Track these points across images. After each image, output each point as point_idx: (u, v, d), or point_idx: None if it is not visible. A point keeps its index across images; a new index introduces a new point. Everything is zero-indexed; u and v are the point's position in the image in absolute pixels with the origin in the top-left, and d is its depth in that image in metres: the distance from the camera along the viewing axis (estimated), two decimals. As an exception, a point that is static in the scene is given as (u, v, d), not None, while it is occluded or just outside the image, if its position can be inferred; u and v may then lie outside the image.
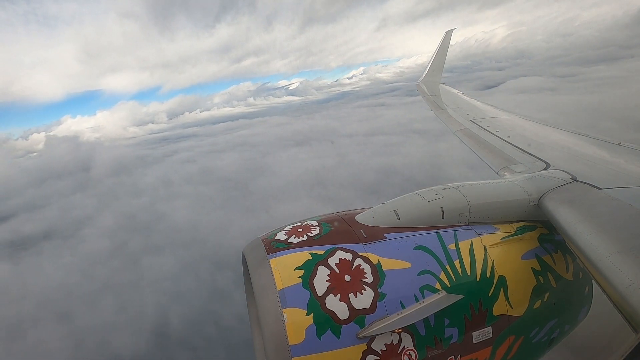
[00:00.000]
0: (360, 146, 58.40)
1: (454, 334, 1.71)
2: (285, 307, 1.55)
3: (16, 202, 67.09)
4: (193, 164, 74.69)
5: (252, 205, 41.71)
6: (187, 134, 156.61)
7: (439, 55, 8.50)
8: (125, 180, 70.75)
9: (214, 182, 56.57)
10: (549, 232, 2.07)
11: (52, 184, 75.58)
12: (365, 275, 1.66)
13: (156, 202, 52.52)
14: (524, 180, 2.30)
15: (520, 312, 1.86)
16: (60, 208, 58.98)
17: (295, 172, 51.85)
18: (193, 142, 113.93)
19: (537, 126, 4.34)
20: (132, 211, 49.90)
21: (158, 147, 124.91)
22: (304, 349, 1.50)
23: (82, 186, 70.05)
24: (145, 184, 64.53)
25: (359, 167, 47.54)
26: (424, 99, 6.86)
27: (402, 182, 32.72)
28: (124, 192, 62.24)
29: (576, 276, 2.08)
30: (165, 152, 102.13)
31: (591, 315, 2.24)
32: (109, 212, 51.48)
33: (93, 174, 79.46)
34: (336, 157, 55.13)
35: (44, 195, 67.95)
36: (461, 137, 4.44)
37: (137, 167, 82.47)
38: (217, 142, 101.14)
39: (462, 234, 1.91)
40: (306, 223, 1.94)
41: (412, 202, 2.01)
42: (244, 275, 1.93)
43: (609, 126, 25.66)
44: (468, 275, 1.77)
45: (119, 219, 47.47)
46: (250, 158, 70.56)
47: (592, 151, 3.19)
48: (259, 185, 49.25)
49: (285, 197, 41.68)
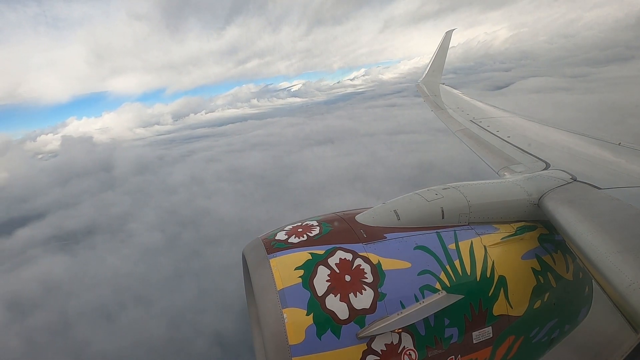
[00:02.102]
0: (387, 144, 58.03)
1: (454, 334, 1.71)
2: (285, 307, 1.55)
3: (45, 201, 68.22)
4: (218, 162, 75.23)
5: (297, 199, 42.09)
6: (197, 134, 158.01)
7: (439, 56, 8.50)
8: (152, 179, 71.71)
9: (247, 179, 57.25)
10: (549, 232, 2.07)
11: (76, 184, 76.85)
12: (365, 275, 1.65)
13: (196, 198, 53.26)
14: (524, 180, 2.30)
15: (521, 312, 1.86)
16: (94, 205, 60.28)
17: (330, 168, 52.11)
18: (208, 143, 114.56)
19: (537, 126, 4.34)
20: (174, 207, 50.96)
21: (171, 147, 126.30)
22: (304, 349, 1.50)
23: (110, 185, 71.18)
24: (176, 181, 65.22)
25: (394, 163, 47.44)
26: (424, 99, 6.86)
27: (443, 175, 32.54)
28: (157, 189, 63.20)
29: (576, 276, 2.08)
30: (181, 152, 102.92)
31: (591, 315, 2.24)
32: (149, 208, 52.56)
33: (116, 173, 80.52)
34: (367, 155, 55.02)
35: (72, 194, 69.03)
36: (461, 137, 4.44)
37: (160, 166, 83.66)
38: (233, 142, 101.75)
39: (462, 234, 1.90)
40: (306, 223, 1.94)
41: (412, 202, 2.01)
42: (244, 275, 1.92)
43: (636, 123, 25.68)
44: (468, 275, 1.77)
45: (163, 215, 48.72)
46: (276, 156, 70.80)
47: (592, 151, 3.19)
48: (296, 181, 49.56)
49: (328, 191, 42.11)
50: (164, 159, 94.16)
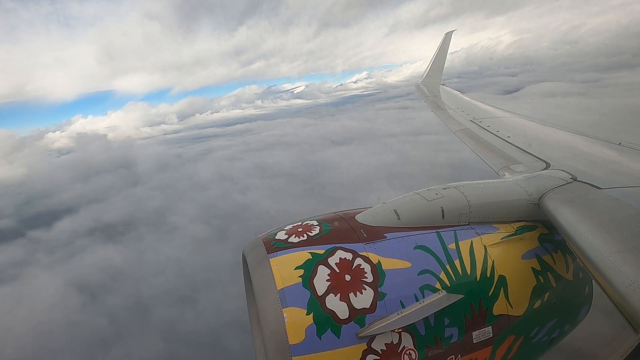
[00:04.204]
0: (412, 144, 57.93)
1: (454, 334, 1.71)
2: (285, 306, 1.55)
3: (70, 196, 69.16)
4: (241, 160, 75.81)
5: (337, 195, 42.44)
6: (207, 134, 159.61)
7: (439, 57, 8.52)
8: (177, 175, 72.13)
9: (279, 176, 57.41)
10: (549, 232, 2.07)
11: (99, 180, 77.71)
12: (366, 274, 1.65)
13: (231, 193, 53.75)
14: (524, 180, 2.30)
15: (521, 312, 1.86)
16: (126, 200, 61.00)
17: (362, 166, 51.99)
18: (222, 142, 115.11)
19: (537, 126, 4.34)
20: (211, 202, 51.39)
21: (185, 145, 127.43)
22: (304, 349, 1.50)
23: (134, 181, 71.85)
24: (205, 178, 65.37)
25: (425, 162, 47.22)
26: (424, 100, 6.87)
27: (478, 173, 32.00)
28: (188, 185, 63.68)
29: (576, 276, 2.08)
30: (198, 150, 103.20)
31: (591, 315, 2.23)
32: (185, 203, 53.18)
33: (138, 170, 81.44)
34: (396, 154, 54.86)
35: (97, 190, 69.82)
36: (461, 137, 4.44)
37: (181, 163, 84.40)
38: (249, 142, 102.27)
39: (462, 234, 1.90)
40: (306, 223, 1.94)
41: (412, 202, 2.01)
42: (244, 275, 1.92)
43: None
44: (468, 275, 1.77)
45: (202, 209, 49.37)
46: (301, 155, 70.94)
47: (592, 151, 3.19)
48: (330, 178, 49.66)
49: (367, 187, 42.20)
50: (182, 156, 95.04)
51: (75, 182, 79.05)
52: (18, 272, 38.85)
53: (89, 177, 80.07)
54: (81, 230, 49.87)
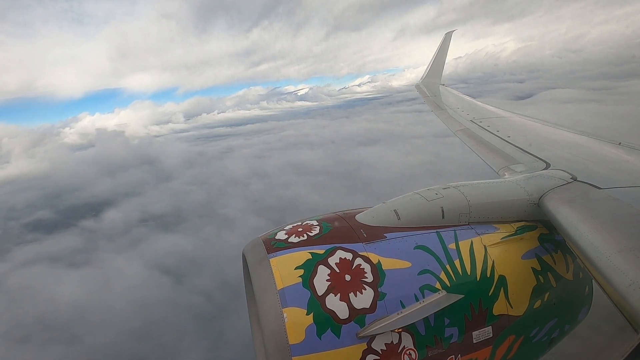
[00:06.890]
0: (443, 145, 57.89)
1: (454, 334, 1.71)
2: (285, 306, 1.55)
3: (102, 189, 68.23)
4: (269, 158, 74.55)
5: (381, 191, 41.66)
6: (218, 133, 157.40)
7: (439, 57, 8.52)
8: (207, 171, 71.24)
9: (315, 173, 56.68)
10: (549, 232, 2.07)
11: (126, 175, 76.42)
12: (366, 274, 1.65)
13: (274, 188, 53.16)
14: (524, 180, 2.30)
15: (521, 312, 1.86)
16: (165, 194, 60.28)
17: (399, 165, 51.48)
18: (241, 141, 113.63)
19: (537, 126, 4.35)
20: (255, 196, 50.92)
21: (201, 144, 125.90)
22: (304, 349, 1.50)
23: (164, 177, 70.92)
24: (237, 174, 64.61)
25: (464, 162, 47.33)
26: (424, 100, 6.88)
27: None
28: (222, 181, 62.44)
29: (576, 276, 2.08)
30: (218, 149, 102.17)
31: (591, 315, 2.23)
32: (230, 197, 52.64)
33: (164, 166, 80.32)
34: (430, 154, 53.67)
35: (129, 184, 68.61)
36: (461, 137, 4.45)
37: (207, 160, 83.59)
38: (268, 141, 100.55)
39: (462, 234, 1.90)
40: (306, 222, 1.94)
41: (412, 202, 2.01)
42: (244, 275, 1.92)
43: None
44: (468, 275, 1.77)
45: (250, 202, 48.88)
46: (329, 154, 69.83)
47: (592, 151, 3.19)
48: (369, 176, 48.97)
49: (411, 184, 41.93)
50: (205, 154, 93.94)
51: (102, 177, 78.09)
52: (87, 257, 38.80)
53: (115, 172, 79.07)
54: (132, 220, 49.58)
